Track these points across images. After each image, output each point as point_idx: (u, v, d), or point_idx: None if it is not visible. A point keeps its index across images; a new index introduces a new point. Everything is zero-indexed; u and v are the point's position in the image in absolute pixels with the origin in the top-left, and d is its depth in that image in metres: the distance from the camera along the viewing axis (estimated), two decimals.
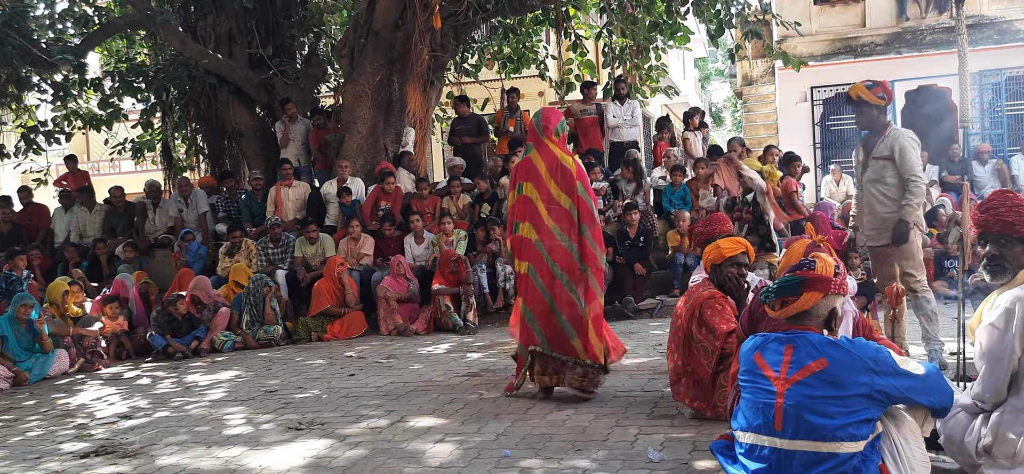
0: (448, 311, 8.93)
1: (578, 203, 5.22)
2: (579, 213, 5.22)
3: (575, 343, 5.21)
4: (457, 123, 12.33)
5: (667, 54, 13.16)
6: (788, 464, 2.94)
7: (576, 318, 5.20)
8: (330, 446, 4.64)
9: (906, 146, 5.55)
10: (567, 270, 5.21)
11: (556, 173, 5.25)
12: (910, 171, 5.56)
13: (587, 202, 5.24)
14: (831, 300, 3.09)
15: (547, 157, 5.29)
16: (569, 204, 5.22)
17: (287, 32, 12.91)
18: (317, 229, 10.17)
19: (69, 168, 13.00)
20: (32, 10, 11.96)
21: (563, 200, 5.22)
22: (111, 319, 8.71)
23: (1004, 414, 3.10)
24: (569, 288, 5.20)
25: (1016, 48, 16.74)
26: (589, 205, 5.25)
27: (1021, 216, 3.22)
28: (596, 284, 5.26)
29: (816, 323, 3.09)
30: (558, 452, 4.23)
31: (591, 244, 5.23)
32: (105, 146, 14.53)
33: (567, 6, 12.46)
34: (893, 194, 5.66)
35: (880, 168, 5.68)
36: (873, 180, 5.74)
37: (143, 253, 10.67)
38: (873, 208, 5.79)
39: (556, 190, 5.23)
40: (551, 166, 5.26)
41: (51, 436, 5.43)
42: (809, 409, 2.91)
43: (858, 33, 18.06)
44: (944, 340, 5.77)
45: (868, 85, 5.63)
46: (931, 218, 10.28)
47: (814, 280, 3.07)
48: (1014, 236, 3.22)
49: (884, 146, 5.65)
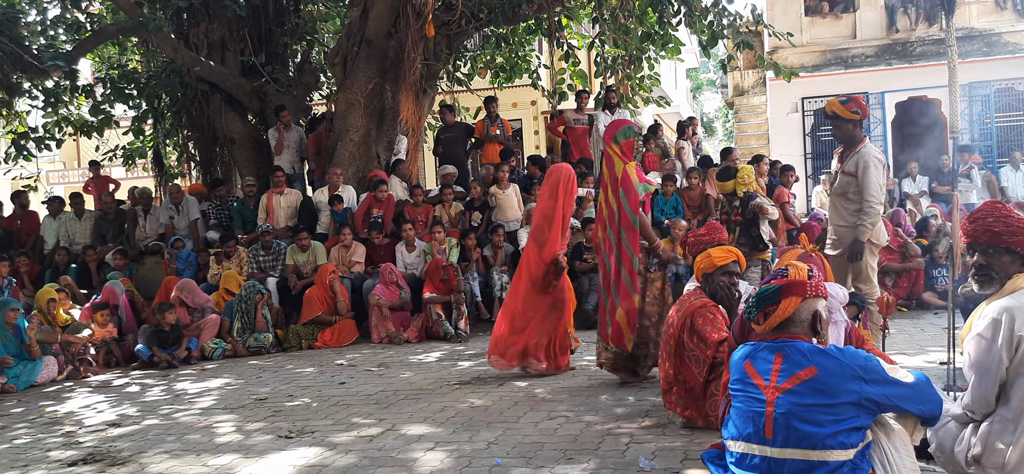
0: (439, 319, 8.92)
1: (618, 207, 5.82)
2: (619, 217, 5.82)
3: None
4: (443, 131, 12.35)
5: (659, 64, 13.21)
6: (779, 472, 2.95)
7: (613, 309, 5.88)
8: (321, 454, 4.62)
9: (870, 165, 5.77)
10: (613, 270, 5.85)
11: (612, 179, 5.88)
12: (867, 191, 5.77)
13: (625, 207, 5.78)
14: (811, 303, 3.10)
15: (608, 164, 5.93)
16: (615, 207, 5.84)
17: (280, 40, 12.91)
18: (308, 237, 10.14)
19: (92, 173, 12.99)
20: (24, 16, 11.92)
21: (612, 203, 5.86)
22: (101, 326, 8.67)
23: (993, 424, 3.11)
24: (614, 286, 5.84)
25: (1005, 60, 16.90)
26: (627, 210, 5.78)
27: (1008, 227, 3.24)
28: (630, 283, 5.78)
29: (802, 330, 3.10)
30: (549, 461, 4.22)
31: (627, 247, 5.79)
32: (96, 153, 14.47)
33: (560, 16, 12.50)
34: (852, 209, 5.89)
35: (846, 183, 5.94)
36: (838, 193, 6.03)
37: (133, 260, 10.62)
38: (834, 219, 6.10)
39: (610, 195, 5.88)
40: (610, 172, 5.91)
41: (39, 444, 5.39)
42: (799, 417, 2.91)
43: (849, 45, 18.19)
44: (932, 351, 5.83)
45: (842, 100, 5.86)
46: (921, 228, 10.33)
47: (790, 285, 3.09)
48: (1001, 246, 3.24)
49: (852, 162, 5.83)
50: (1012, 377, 3.05)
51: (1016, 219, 3.23)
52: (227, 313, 9.03)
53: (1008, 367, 3.06)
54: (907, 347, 6.91)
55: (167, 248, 10.50)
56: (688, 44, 16.58)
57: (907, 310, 9.20)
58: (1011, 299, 3.11)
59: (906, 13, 17.96)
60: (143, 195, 11.53)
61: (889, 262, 9.42)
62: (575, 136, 12.09)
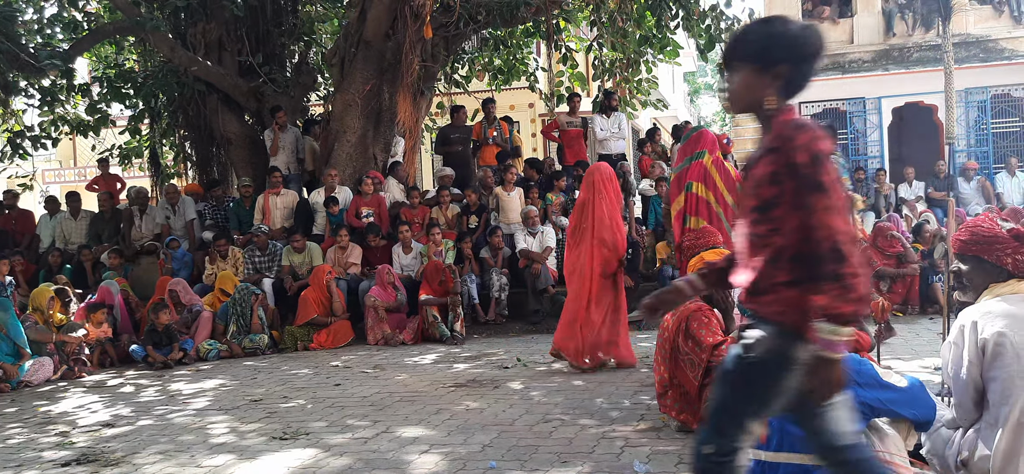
0: (435, 321, 8.91)
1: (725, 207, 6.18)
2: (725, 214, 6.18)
3: None
4: (451, 131, 12.30)
5: (657, 68, 13.23)
6: None
7: None
8: (315, 456, 4.62)
9: None
10: None
11: (726, 179, 6.21)
12: None
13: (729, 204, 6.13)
14: None
15: (718, 164, 6.24)
16: (732, 203, 6.16)
17: (277, 40, 12.89)
18: (302, 238, 10.12)
19: (102, 170, 12.98)
20: (20, 15, 11.89)
21: (728, 199, 6.19)
22: (95, 326, 8.64)
23: (980, 430, 3.14)
24: None
25: (1001, 67, 16.94)
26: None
27: (985, 240, 3.27)
28: None
29: None
30: (544, 464, 4.22)
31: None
32: (92, 152, 14.44)
33: (558, 19, 12.51)
34: None
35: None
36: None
37: (129, 260, 10.60)
38: None
39: (724, 191, 6.18)
40: (724, 174, 6.20)
41: (32, 443, 5.38)
42: (793, 422, 2.92)
43: (846, 50, 18.22)
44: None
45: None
46: (917, 233, 10.34)
47: None
48: (981, 256, 3.28)
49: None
50: (986, 382, 3.07)
51: (985, 231, 3.25)
52: (222, 314, 9.01)
53: (980, 372, 3.08)
54: (902, 352, 6.92)
55: (163, 248, 10.48)
56: (686, 48, 16.57)
57: (903, 315, 9.21)
58: (980, 305, 3.15)
59: (903, 19, 18.01)
60: (139, 195, 11.51)
61: (884, 267, 9.43)
62: (569, 139, 12.09)
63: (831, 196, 2.15)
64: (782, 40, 2.34)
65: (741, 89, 2.41)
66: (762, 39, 2.37)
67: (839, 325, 2.13)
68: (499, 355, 7.78)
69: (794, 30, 2.37)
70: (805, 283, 2.18)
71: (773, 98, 2.35)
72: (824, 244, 2.15)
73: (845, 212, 2.16)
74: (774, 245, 2.27)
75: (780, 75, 2.34)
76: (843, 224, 2.14)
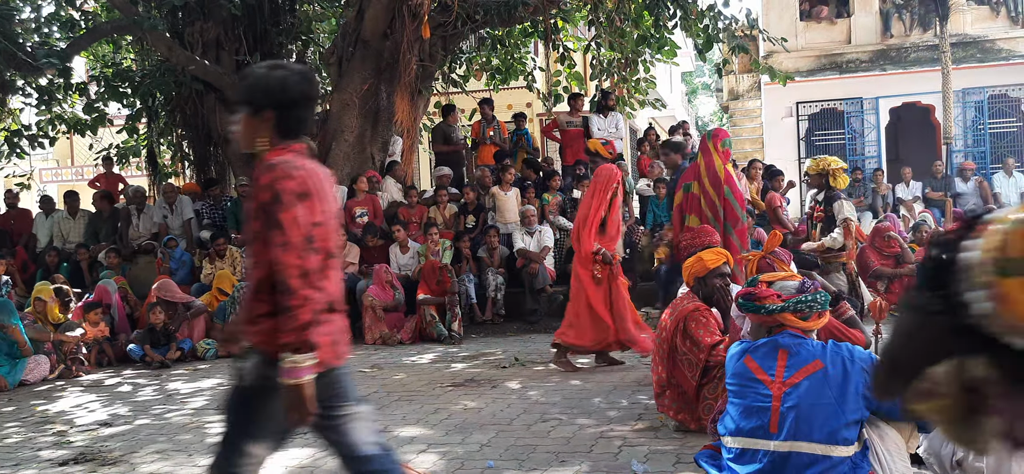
0: (433, 321, 8.91)
1: (724, 204, 6.25)
2: (725, 213, 6.24)
3: None
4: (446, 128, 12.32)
5: (654, 67, 13.23)
6: (783, 467, 2.97)
7: None
8: (313, 455, 4.61)
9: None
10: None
11: (712, 177, 6.31)
12: None
13: (732, 204, 6.25)
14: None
15: (709, 163, 6.35)
16: (718, 203, 6.27)
17: (275, 39, 12.86)
18: None
19: (105, 169, 12.94)
20: (18, 13, 11.86)
21: (714, 199, 6.29)
22: (93, 325, 8.63)
23: None
24: None
25: (999, 67, 16.95)
26: (734, 207, 6.22)
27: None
28: (741, 275, 5.97)
29: None
30: (542, 463, 4.22)
31: (735, 241, 6.18)
32: (90, 151, 14.41)
33: (555, 18, 12.51)
34: None
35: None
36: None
37: (126, 259, 10.58)
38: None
39: (711, 190, 6.31)
40: (710, 171, 6.32)
41: (30, 443, 5.37)
42: (806, 411, 2.95)
43: (843, 50, 18.23)
44: None
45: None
46: (914, 233, 10.35)
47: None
48: None
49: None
50: None
51: None
52: (220, 314, 9.00)
53: None
54: None
55: (160, 247, 10.46)
56: (684, 48, 16.58)
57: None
58: None
59: (901, 19, 18.02)
60: (137, 194, 11.50)
61: (882, 267, 9.44)
62: (568, 139, 12.08)
63: (287, 233, 2.37)
64: (266, 87, 2.52)
65: (241, 130, 2.58)
66: (253, 85, 2.55)
67: (293, 353, 2.35)
68: (497, 354, 7.78)
69: (279, 77, 2.52)
70: (275, 314, 2.43)
71: (264, 139, 2.53)
72: (280, 278, 2.39)
73: (301, 248, 2.37)
74: (255, 278, 2.52)
75: (268, 119, 2.51)
76: (295, 259, 2.37)
